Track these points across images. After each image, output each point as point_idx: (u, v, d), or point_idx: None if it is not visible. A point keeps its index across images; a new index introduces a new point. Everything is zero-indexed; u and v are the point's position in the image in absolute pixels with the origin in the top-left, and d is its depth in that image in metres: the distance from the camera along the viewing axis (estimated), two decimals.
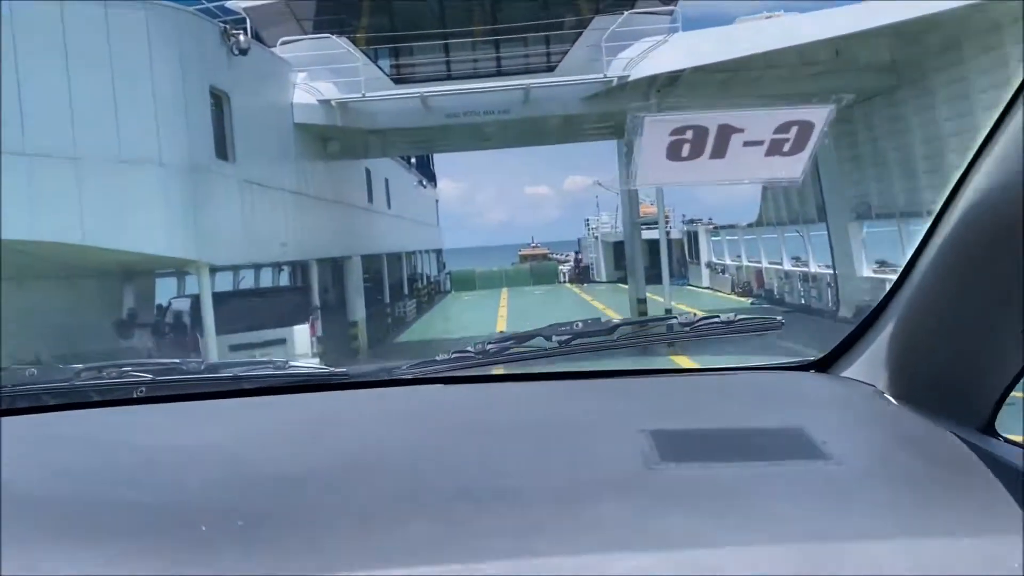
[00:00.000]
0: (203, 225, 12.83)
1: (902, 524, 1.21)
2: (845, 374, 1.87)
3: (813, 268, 27.38)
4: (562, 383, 2.01)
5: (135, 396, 1.89)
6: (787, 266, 30.03)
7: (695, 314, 2.08)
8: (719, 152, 1.64)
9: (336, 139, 21.23)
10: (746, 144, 1.63)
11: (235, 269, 27.70)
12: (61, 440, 1.69)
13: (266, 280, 23.53)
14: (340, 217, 22.84)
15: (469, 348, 2.00)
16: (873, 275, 22.68)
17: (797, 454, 1.44)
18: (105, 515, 1.29)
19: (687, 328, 2.06)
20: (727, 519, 1.22)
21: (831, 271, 25.30)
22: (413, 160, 40.97)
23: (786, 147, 1.63)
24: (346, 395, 1.99)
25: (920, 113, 18.67)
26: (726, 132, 1.61)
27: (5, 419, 1.75)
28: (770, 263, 32.45)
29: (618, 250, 50.71)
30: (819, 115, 1.60)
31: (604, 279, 49.38)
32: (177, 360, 2.03)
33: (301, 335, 15.90)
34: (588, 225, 56.47)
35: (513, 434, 1.65)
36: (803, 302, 27.50)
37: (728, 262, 37.19)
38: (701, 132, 1.61)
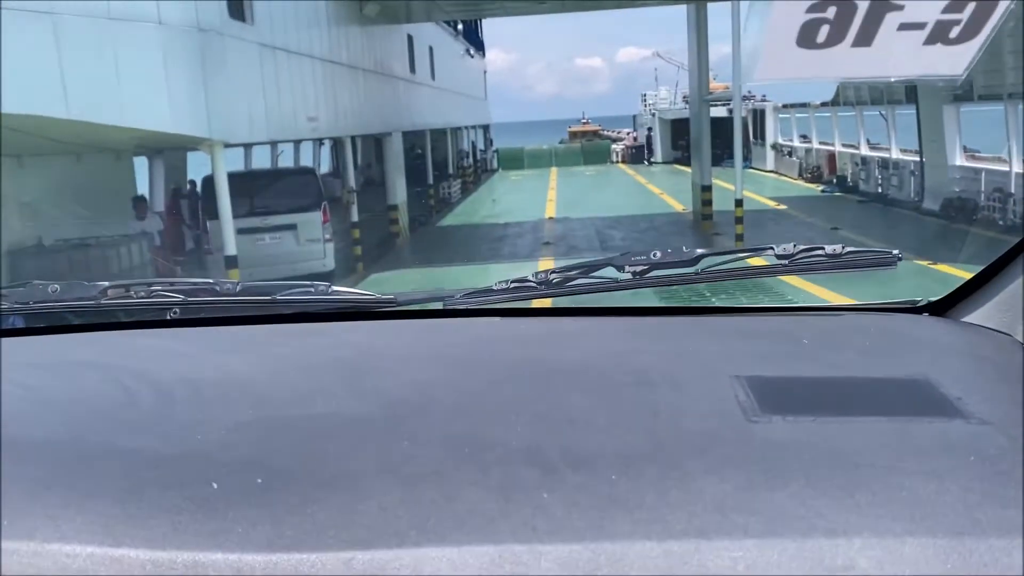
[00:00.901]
0: (214, 97, 10.99)
1: None
2: (968, 319, 1.64)
3: (895, 154, 25.03)
4: (635, 319, 1.77)
5: (167, 318, 1.79)
6: (864, 150, 27.63)
7: (794, 245, 1.71)
8: (865, 38, 1.38)
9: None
10: (902, 27, 1.36)
11: (272, 144, 26.56)
12: (79, 366, 1.56)
13: (305, 159, 21.99)
14: (379, 89, 20.91)
15: (530, 277, 1.75)
16: (967, 164, 20.50)
17: (926, 410, 1.23)
18: (106, 463, 1.14)
19: (785, 261, 1.71)
20: (854, 496, 0.99)
21: (917, 158, 23.01)
22: (460, 26, 38.35)
23: (954, 32, 1.32)
24: (392, 325, 1.80)
25: None
26: (879, 11, 1.38)
27: (22, 339, 1.70)
28: (844, 146, 30.07)
29: (677, 128, 48.60)
30: None
31: (660, 160, 47.44)
32: (211, 280, 1.84)
33: (311, 222, 14.52)
34: (644, 101, 53.65)
35: (583, 379, 1.43)
36: (880, 191, 25.39)
37: (796, 144, 34.60)
38: (847, 10, 1.37)
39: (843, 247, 1.71)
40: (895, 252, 1.74)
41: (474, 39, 45.91)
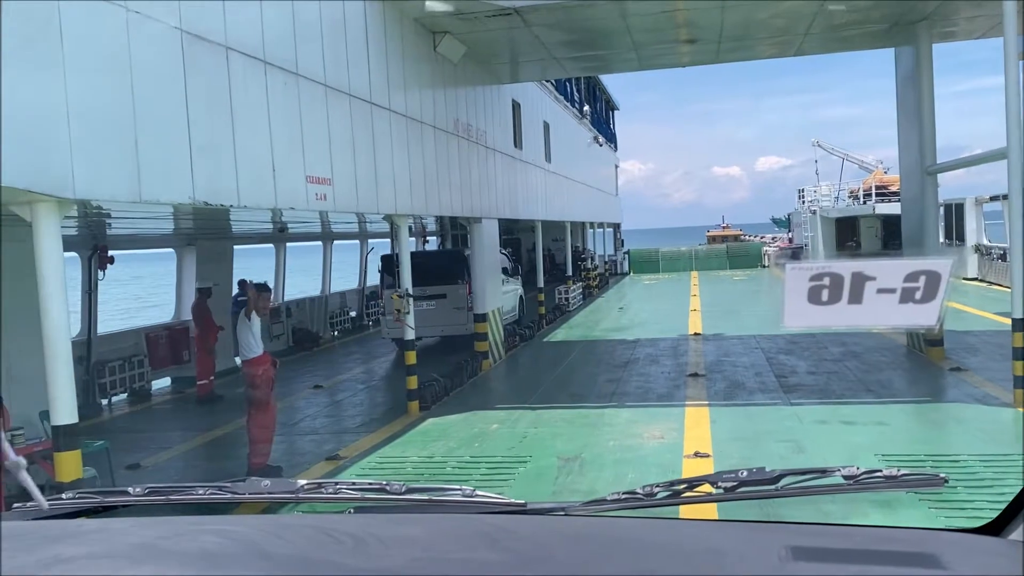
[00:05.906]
0: (32, 109, 5.48)
1: None
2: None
3: None
4: (718, 524, 2.00)
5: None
6: None
7: (856, 467, 1.99)
8: (856, 298, 1.76)
9: (452, 31, 13.64)
10: (880, 291, 1.76)
11: (320, 219, 21.42)
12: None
13: None
14: (461, 159, 15.29)
15: (638, 490, 2.07)
16: None
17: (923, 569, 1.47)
18: None
19: (850, 480, 2.00)
20: None
21: None
22: (586, 108, 33.02)
23: (917, 295, 1.74)
24: (519, 519, 2.06)
25: None
26: (859, 280, 1.77)
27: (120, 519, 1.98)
28: None
29: (842, 228, 41.21)
30: (943, 266, 1.72)
31: None
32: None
33: (457, 293, 17.97)
34: (802, 197, 46.47)
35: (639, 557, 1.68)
36: None
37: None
38: (837, 279, 1.76)
39: (898, 470, 1.96)
40: (942, 475, 1.97)
41: (604, 130, 40.73)
